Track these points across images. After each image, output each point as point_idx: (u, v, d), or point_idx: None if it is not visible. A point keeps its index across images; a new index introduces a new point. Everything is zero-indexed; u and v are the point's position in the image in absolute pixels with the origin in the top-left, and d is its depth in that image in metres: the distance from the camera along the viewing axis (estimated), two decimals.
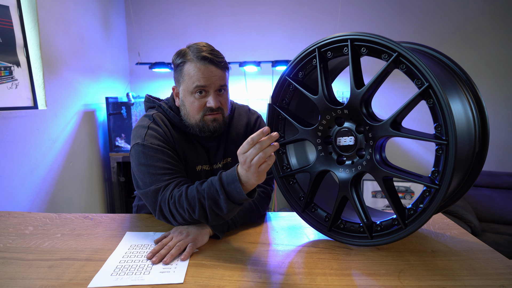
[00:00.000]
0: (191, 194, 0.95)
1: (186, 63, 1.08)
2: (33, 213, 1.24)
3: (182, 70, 1.09)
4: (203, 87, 1.07)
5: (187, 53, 1.08)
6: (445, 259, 0.89)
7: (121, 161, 2.78)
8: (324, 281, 0.80)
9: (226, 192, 0.90)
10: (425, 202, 0.85)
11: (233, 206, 0.91)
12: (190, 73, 1.07)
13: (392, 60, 0.83)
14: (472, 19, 3.03)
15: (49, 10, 2.07)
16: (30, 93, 1.88)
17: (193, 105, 1.09)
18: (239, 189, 0.87)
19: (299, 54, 1.00)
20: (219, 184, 0.90)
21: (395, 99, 3.16)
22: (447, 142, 0.78)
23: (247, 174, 0.85)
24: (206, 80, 1.06)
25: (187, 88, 1.09)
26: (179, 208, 0.97)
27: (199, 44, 1.09)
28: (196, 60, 1.06)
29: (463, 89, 0.90)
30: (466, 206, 2.70)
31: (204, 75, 1.06)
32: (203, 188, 0.94)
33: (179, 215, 0.98)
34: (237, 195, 0.88)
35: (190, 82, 1.07)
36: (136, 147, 1.07)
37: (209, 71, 1.06)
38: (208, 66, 1.06)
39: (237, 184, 0.87)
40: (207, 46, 1.09)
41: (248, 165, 0.83)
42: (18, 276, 0.81)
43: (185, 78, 1.08)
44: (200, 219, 0.95)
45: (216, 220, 0.96)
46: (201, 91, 1.08)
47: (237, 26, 3.23)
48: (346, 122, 0.97)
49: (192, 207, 0.94)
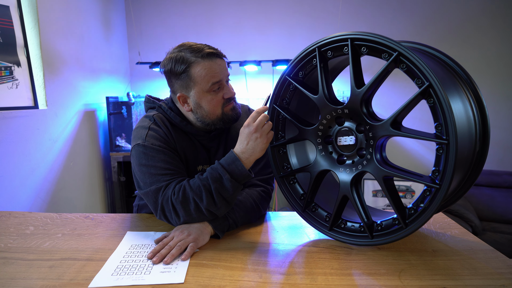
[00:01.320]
0: (194, 184, 0.98)
1: (191, 67, 1.05)
2: (34, 213, 1.24)
3: (190, 74, 1.06)
4: (218, 82, 1.08)
5: (187, 58, 1.05)
6: (445, 258, 0.89)
7: (121, 161, 2.79)
8: (324, 280, 0.79)
9: (229, 172, 0.97)
10: (426, 201, 0.85)
11: (237, 185, 0.98)
12: (201, 74, 1.06)
13: (393, 60, 0.83)
14: (473, 18, 3.03)
15: (49, 10, 2.07)
16: (31, 93, 1.88)
17: (212, 102, 1.10)
18: (240, 166, 0.97)
19: (299, 53, 1.00)
20: (220, 166, 0.98)
21: (396, 99, 3.16)
22: (447, 141, 0.78)
23: (255, 144, 0.97)
24: (219, 75, 1.08)
25: (202, 89, 1.08)
26: (184, 202, 0.97)
27: (189, 45, 1.07)
28: (202, 60, 1.05)
29: (464, 88, 0.90)
30: (467, 205, 2.69)
31: (217, 70, 1.07)
32: (204, 176, 0.99)
33: (183, 211, 0.98)
34: (239, 172, 0.97)
35: (204, 82, 1.06)
36: (137, 147, 1.07)
37: (218, 65, 1.07)
38: (216, 60, 1.07)
39: (238, 162, 0.97)
40: (200, 44, 1.08)
41: (261, 132, 0.97)
42: (19, 276, 0.82)
43: (197, 81, 1.07)
44: (209, 206, 0.97)
45: (223, 206, 0.99)
46: (217, 86, 1.09)
47: (237, 25, 3.22)
48: (347, 122, 0.97)
49: (199, 195, 0.97)
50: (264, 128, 0.98)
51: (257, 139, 0.97)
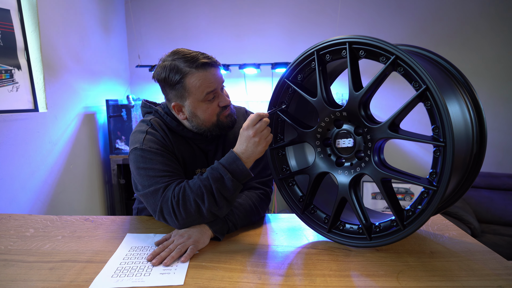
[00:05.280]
0: (195, 185, 0.98)
1: (186, 77, 1.05)
2: (34, 215, 1.24)
3: (184, 85, 1.06)
4: (213, 91, 1.08)
5: (181, 68, 1.05)
6: (443, 260, 0.90)
7: (121, 163, 2.79)
8: (323, 282, 0.80)
9: (230, 172, 0.98)
10: (424, 203, 0.85)
11: (238, 185, 0.99)
12: (195, 84, 1.06)
13: (390, 63, 0.84)
14: (472, 21, 3.04)
15: (49, 13, 2.08)
16: (31, 96, 1.88)
17: (207, 111, 1.10)
18: (241, 165, 0.98)
19: (298, 56, 1.01)
20: (221, 166, 0.99)
21: (394, 101, 3.17)
22: (444, 143, 0.78)
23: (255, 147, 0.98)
24: (214, 84, 1.08)
25: (197, 99, 1.08)
26: (185, 203, 0.97)
27: (183, 54, 1.06)
28: (196, 70, 1.05)
29: (461, 91, 0.91)
30: (466, 207, 2.70)
31: (211, 80, 1.07)
32: (205, 177, 0.99)
33: (184, 212, 0.98)
34: (240, 172, 0.98)
35: (199, 92, 1.07)
36: (135, 151, 1.08)
37: (212, 74, 1.07)
38: (209, 70, 1.07)
39: (239, 161, 0.98)
40: (195, 52, 1.08)
41: (260, 136, 0.97)
42: (19, 278, 0.82)
43: (191, 91, 1.07)
44: (211, 206, 0.97)
45: (225, 206, 1.00)
46: (213, 96, 1.09)
47: (236, 28, 3.24)
48: (345, 124, 0.97)
49: (201, 197, 0.97)
50: (263, 133, 0.98)
51: (256, 143, 0.98)
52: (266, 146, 1.00)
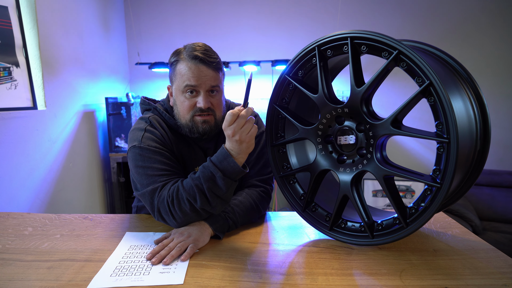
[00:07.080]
0: (187, 185, 0.97)
1: (179, 61, 1.08)
2: (32, 214, 1.24)
3: (175, 68, 1.09)
4: (193, 87, 1.06)
5: (181, 52, 1.08)
6: (447, 258, 0.89)
7: (121, 162, 2.78)
8: (325, 281, 0.79)
9: (221, 170, 0.94)
10: (427, 201, 0.84)
11: (230, 183, 0.95)
12: (181, 71, 1.07)
13: (393, 58, 0.82)
14: (473, 17, 3.03)
15: (48, 11, 2.06)
16: (30, 93, 1.87)
17: (183, 104, 1.09)
18: (232, 163, 0.93)
19: (298, 52, 0.99)
20: (211, 164, 0.95)
21: (396, 98, 3.16)
22: (448, 140, 0.77)
23: (239, 145, 0.92)
24: (196, 80, 1.05)
25: (178, 87, 1.09)
26: (179, 203, 0.96)
27: (195, 44, 1.09)
28: (188, 59, 1.05)
29: (464, 86, 0.90)
30: (467, 205, 2.69)
31: (195, 75, 1.05)
32: (196, 176, 0.96)
33: (180, 211, 0.97)
34: (231, 169, 0.94)
35: (181, 81, 1.07)
36: (133, 149, 1.07)
37: (199, 70, 1.05)
38: (199, 65, 1.05)
39: (230, 158, 0.93)
40: (201, 46, 1.08)
41: (240, 134, 0.91)
42: (17, 277, 0.81)
43: (177, 77, 1.08)
44: (203, 205, 0.96)
45: (218, 204, 0.97)
46: (191, 90, 1.07)
47: (236, 25, 3.22)
48: (347, 121, 0.96)
49: (193, 196, 0.95)
50: (244, 129, 0.91)
51: (238, 141, 0.92)
52: (251, 140, 0.94)
